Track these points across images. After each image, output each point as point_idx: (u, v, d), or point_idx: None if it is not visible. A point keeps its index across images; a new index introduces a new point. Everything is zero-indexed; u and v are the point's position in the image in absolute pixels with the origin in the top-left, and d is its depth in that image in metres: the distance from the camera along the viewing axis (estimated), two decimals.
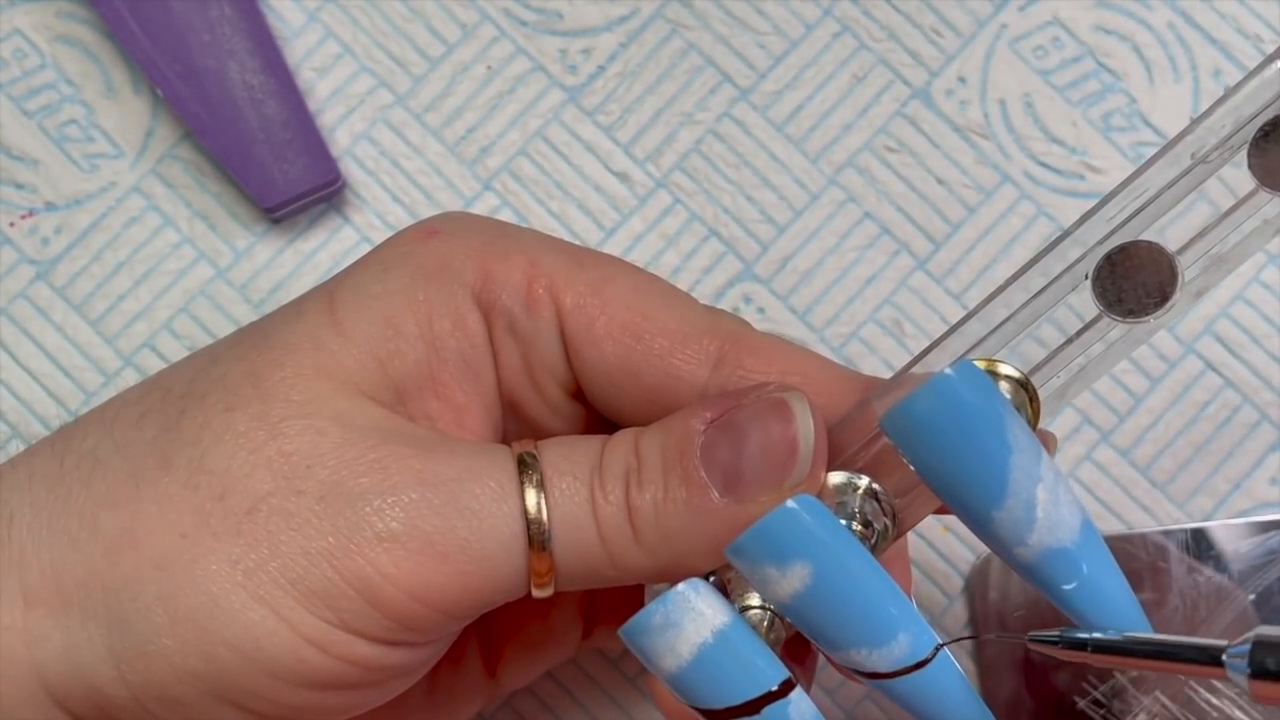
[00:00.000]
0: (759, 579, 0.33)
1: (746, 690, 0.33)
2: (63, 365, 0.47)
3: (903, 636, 0.33)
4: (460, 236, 0.37)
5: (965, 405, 0.32)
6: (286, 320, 0.37)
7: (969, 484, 0.32)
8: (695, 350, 0.36)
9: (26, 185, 0.48)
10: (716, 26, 0.48)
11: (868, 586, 0.33)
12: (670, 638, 0.33)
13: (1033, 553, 0.33)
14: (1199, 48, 0.48)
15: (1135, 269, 0.35)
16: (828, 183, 0.48)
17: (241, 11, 0.47)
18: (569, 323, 0.37)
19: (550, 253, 0.37)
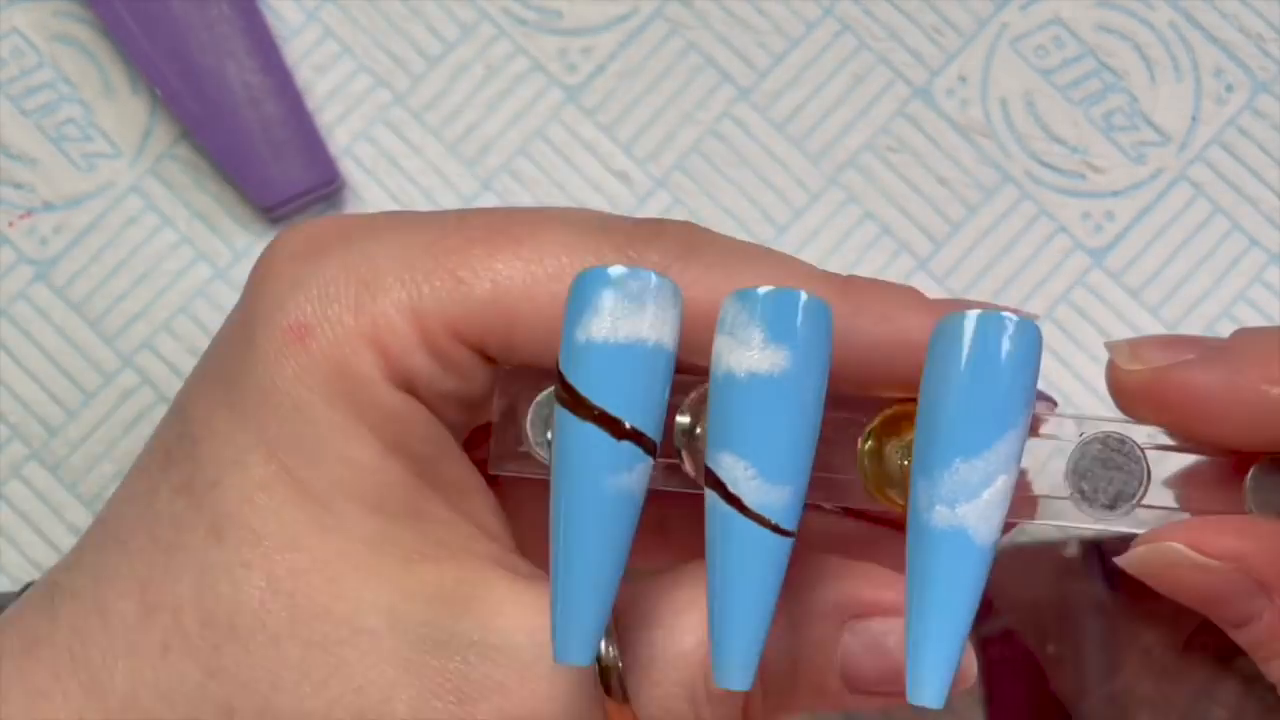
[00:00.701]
0: (739, 337, 0.31)
1: (632, 412, 0.31)
2: (62, 365, 0.47)
3: (790, 491, 0.31)
4: (329, 322, 0.34)
5: (1028, 362, 0.31)
6: (234, 491, 0.34)
7: (960, 421, 0.31)
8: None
9: (25, 185, 0.48)
10: (716, 26, 0.48)
11: (808, 421, 0.31)
12: (621, 309, 0.31)
13: (948, 521, 0.31)
14: (1200, 47, 0.48)
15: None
16: (828, 182, 0.48)
17: (240, 10, 0.47)
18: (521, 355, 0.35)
19: (418, 276, 0.34)
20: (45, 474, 0.47)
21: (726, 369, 0.31)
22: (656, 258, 0.34)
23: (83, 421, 0.47)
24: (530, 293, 0.34)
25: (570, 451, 0.31)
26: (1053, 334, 0.47)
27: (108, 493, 0.46)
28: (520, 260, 0.34)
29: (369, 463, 0.34)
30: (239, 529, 0.33)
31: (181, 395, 0.36)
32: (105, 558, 0.34)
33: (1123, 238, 0.47)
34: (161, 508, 0.34)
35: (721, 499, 0.31)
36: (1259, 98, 0.48)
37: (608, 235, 0.34)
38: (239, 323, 0.35)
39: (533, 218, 0.35)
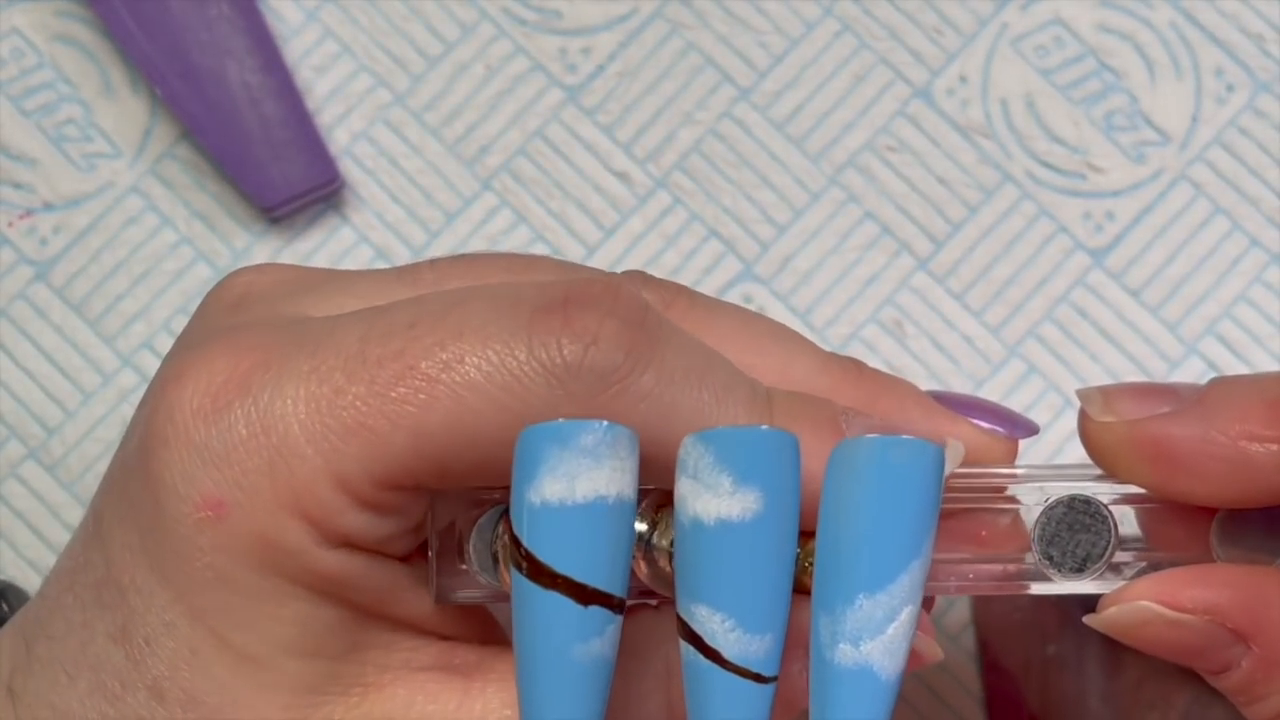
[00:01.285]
0: (706, 481, 0.29)
1: (598, 575, 0.30)
2: (61, 366, 0.47)
3: (771, 638, 0.30)
4: (246, 495, 0.31)
5: (928, 487, 0.30)
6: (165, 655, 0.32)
7: (864, 555, 0.30)
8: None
9: (24, 185, 0.48)
10: (716, 25, 0.48)
11: (784, 565, 0.30)
12: (577, 464, 0.29)
13: (853, 660, 0.30)
14: (1201, 47, 0.48)
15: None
16: (828, 182, 0.48)
17: (240, 10, 0.47)
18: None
19: (332, 438, 0.32)
20: (42, 473, 0.46)
21: (693, 516, 0.30)
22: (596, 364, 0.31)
23: (81, 421, 0.47)
24: (453, 425, 0.31)
25: (534, 623, 0.30)
26: (1053, 334, 0.47)
27: None
28: (436, 402, 0.31)
29: (304, 616, 0.32)
30: (177, 691, 0.32)
31: (99, 505, 0.34)
32: (56, 687, 0.33)
33: (1123, 238, 0.47)
34: (100, 653, 0.33)
35: (700, 654, 0.30)
36: (1259, 98, 0.48)
37: (530, 331, 0.31)
38: (148, 479, 0.32)
39: (440, 335, 0.31)
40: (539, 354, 0.31)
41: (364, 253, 0.47)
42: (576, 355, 0.31)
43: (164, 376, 0.33)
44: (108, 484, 0.34)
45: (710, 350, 0.33)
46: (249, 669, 0.32)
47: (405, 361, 0.31)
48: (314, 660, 0.32)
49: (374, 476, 0.31)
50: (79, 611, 0.33)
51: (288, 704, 0.32)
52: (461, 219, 0.48)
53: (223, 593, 0.32)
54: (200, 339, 0.33)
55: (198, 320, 0.35)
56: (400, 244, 0.47)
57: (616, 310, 0.31)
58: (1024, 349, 0.47)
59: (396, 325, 0.32)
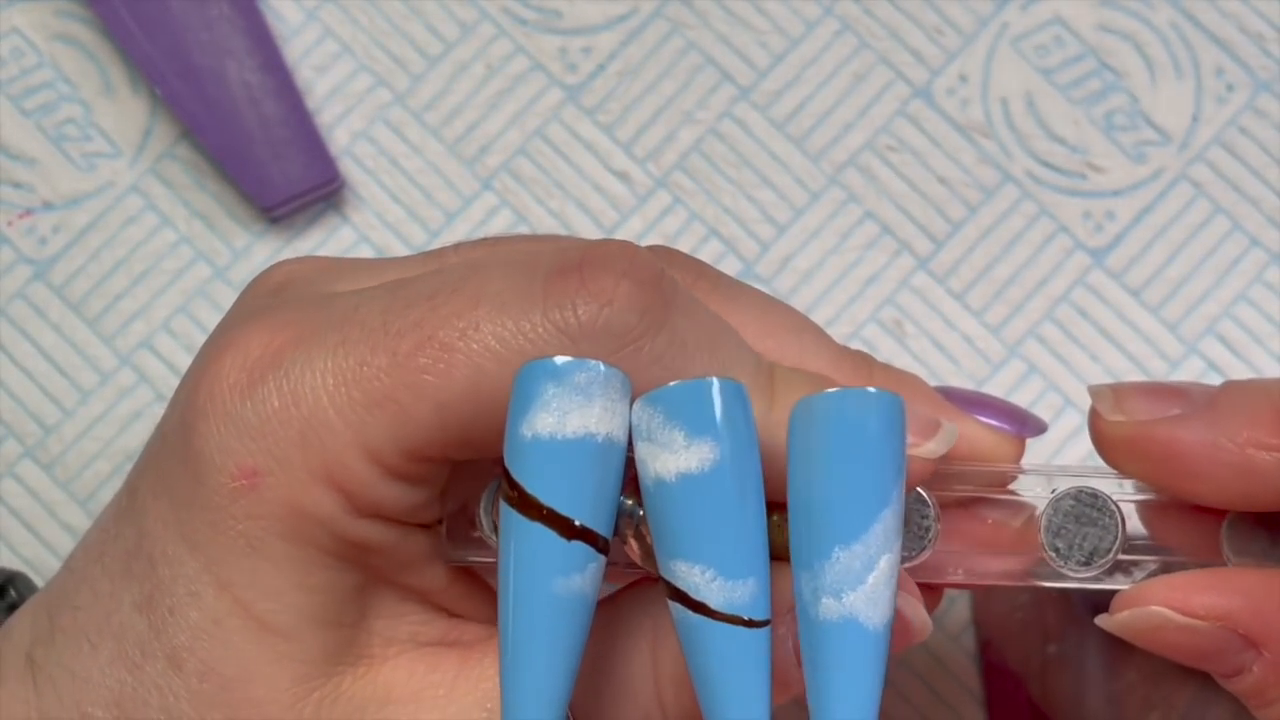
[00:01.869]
0: (661, 440, 0.30)
1: (582, 510, 0.30)
2: (60, 365, 0.47)
3: (754, 581, 0.30)
4: (279, 464, 0.32)
5: (888, 435, 0.30)
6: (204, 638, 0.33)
7: (834, 508, 0.30)
8: None
9: (24, 184, 0.48)
10: (717, 25, 0.48)
11: (752, 507, 0.30)
12: (569, 401, 0.30)
13: (837, 613, 0.30)
14: (1201, 46, 0.48)
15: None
16: (828, 182, 0.48)
17: (240, 10, 0.47)
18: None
19: (359, 410, 0.32)
20: (39, 472, 0.46)
21: (655, 476, 0.30)
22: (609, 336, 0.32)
23: (78, 420, 0.47)
24: (472, 393, 0.32)
25: (518, 553, 0.30)
26: (1053, 334, 0.47)
27: (102, 492, 0.46)
28: (455, 370, 0.32)
29: (328, 584, 0.33)
30: (195, 661, 0.33)
31: (135, 481, 0.35)
32: (79, 656, 0.34)
33: (1123, 237, 0.47)
34: (125, 621, 0.33)
35: (688, 609, 0.30)
36: (1260, 97, 0.48)
37: (545, 294, 0.32)
38: (187, 452, 0.33)
39: (458, 304, 0.32)
40: (553, 316, 0.31)
41: (364, 253, 0.47)
42: (591, 316, 0.31)
43: (205, 354, 0.34)
44: (144, 461, 0.35)
45: (723, 323, 0.33)
46: (269, 639, 0.33)
47: (424, 332, 0.32)
48: (332, 630, 0.33)
49: (401, 448, 0.32)
50: (106, 582, 0.34)
51: (302, 675, 0.33)
52: (461, 219, 0.48)
53: (252, 561, 0.32)
54: (240, 319, 0.34)
55: (239, 304, 0.36)
56: (400, 244, 0.47)
57: (632, 272, 0.32)
58: (1024, 349, 0.47)
59: (417, 297, 0.32)
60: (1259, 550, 0.34)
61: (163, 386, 0.47)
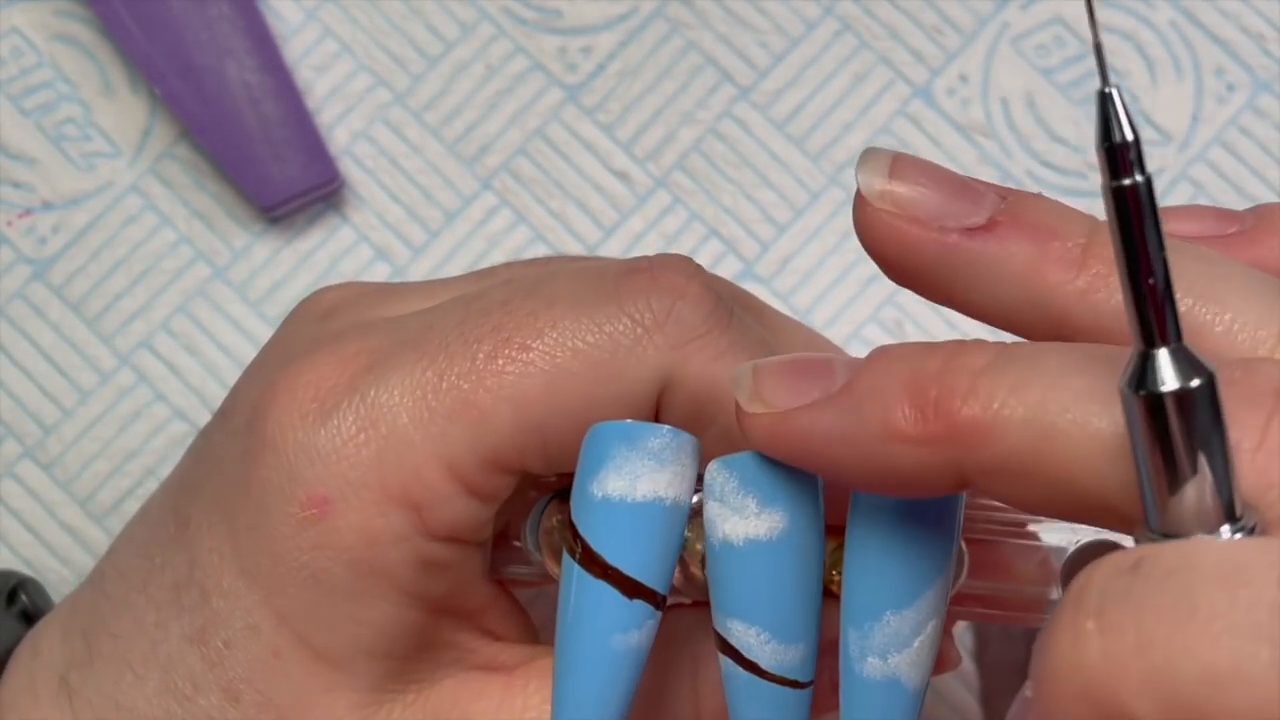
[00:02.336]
0: (733, 504, 0.30)
1: (645, 571, 0.31)
2: (59, 365, 0.47)
3: (804, 646, 0.31)
4: (353, 490, 0.32)
5: (950, 512, 0.30)
6: (254, 661, 0.33)
7: (890, 575, 0.30)
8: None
9: (24, 184, 0.48)
10: (717, 25, 0.48)
11: (812, 577, 0.31)
12: (640, 465, 0.30)
13: (881, 673, 0.30)
14: (1201, 46, 0.48)
15: None
16: (828, 182, 0.48)
17: (240, 10, 0.47)
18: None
19: (439, 420, 0.33)
20: (39, 472, 0.46)
21: (723, 538, 0.31)
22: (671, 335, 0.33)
23: (78, 420, 0.47)
24: (551, 403, 0.32)
25: (578, 607, 0.31)
26: None
27: (101, 492, 0.46)
28: (533, 367, 0.32)
29: (387, 618, 0.33)
30: (253, 693, 0.33)
31: (185, 510, 0.34)
32: (120, 683, 0.34)
33: None
34: (173, 653, 0.34)
35: (739, 665, 0.31)
36: (1260, 97, 0.48)
37: (618, 291, 0.33)
38: (251, 483, 0.33)
39: (533, 306, 0.33)
40: (628, 308, 0.32)
41: (364, 252, 0.47)
42: (664, 307, 0.32)
43: (268, 385, 0.34)
44: (193, 489, 0.35)
45: (769, 340, 0.34)
46: (324, 670, 0.33)
47: (502, 335, 0.32)
48: (385, 660, 0.33)
49: (481, 456, 0.32)
50: (152, 612, 0.34)
51: (356, 703, 0.33)
52: (461, 218, 0.48)
53: (313, 593, 0.33)
54: (303, 349, 0.34)
55: (288, 332, 0.36)
56: (400, 244, 0.47)
57: (698, 275, 0.33)
58: None
59: (491, 306, 0.33)
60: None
61: (162, 386, 0.47)
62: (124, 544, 0.36)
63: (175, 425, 0.46)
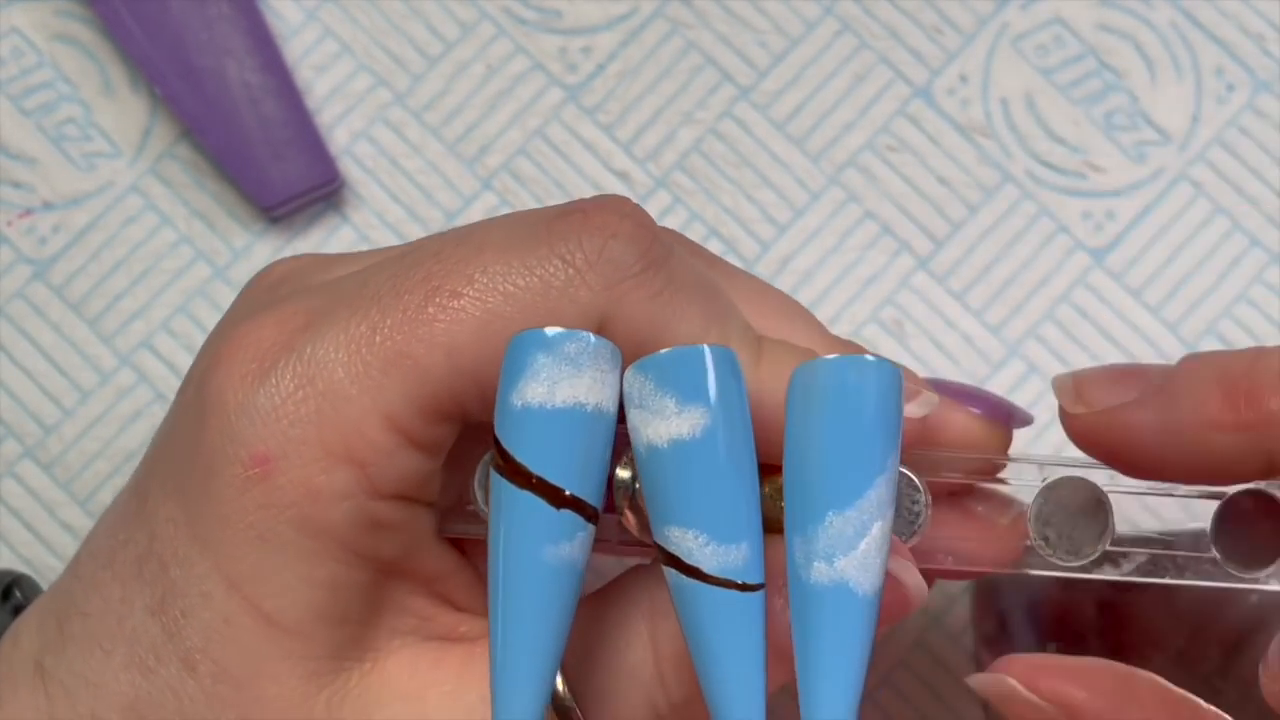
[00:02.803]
0: (653, 406, 0.30)
1: (571, 479, 0.30)
2: (59, 364, 0.47)
3: (746, 545, 0.30)
4: (294, 447, 0.32)
5: (885, 403, 0.30)
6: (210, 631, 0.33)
7: (829, 473, 0.30)
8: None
9: (24, 184, 0.48)
10: (717, 25, 0.48)
11: (744, 472, 0.31)
12: (558, 371, 0.30)
13: (828, 577, 0.30)
14: (1201, 46, 0.48)
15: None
16: (829, 182, 0.48)
17: (240, 10, 0.47)
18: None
19: (374, 373, 0.33)
20: (39, 472, 0.46)
21: (648, 442, 0.31)
22: (597, 282, 0.32)
23: (78, 420, 0.47)
24: (484, 347, 0.32)
25: (508, 521, 0.30)
26: (1053, 333, 0.47)
27: (102, 492, 0.46)
28: (464, 314, 0.32)
29: (337, 579, 0.33)
30: (208, 663, 0.33)
31: (143, 484, 0.34)
32: (90, 660, 0.34)
33: (1123, 237, 0.47)
34: (137, 626, 0.33)
35: (682, 573, 0.30)
36: (1260, 97, 0.48)
37: (549, 233, 0.33)
38: (198, 448, 0.33)
39: (464, 253, 0.33)
40: (559, 249, 0.32)
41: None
42: (595, 247, 0.32)
43: (211, 351, 0.34)
44: (151, 463, 0.35)
45: (716, 282, 0.34)
46: (278, 636, 0.33)
47: (432, 283, 0.32)
48: (340, 626, 0.33)
49: (419, 406, 0.32)
50: (118, 587, 0.34)
51: (311, 671, 0.33)
52: (462, 218, 0.48)
53: (261, 555, 0.32)
54: (245, 314, 0.34)
55: (241, 301, 0.36)
56: (400, 243, 0.47)
57: (632, 214, 0.33)
58: (1024, 349, 0.47)
59: (424, 256, 0.33)
60: (1244, 551, 0.35)
61: (163, 386, 0.47)
62: (96, 528, 0.36)
63: None
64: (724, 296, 0.34)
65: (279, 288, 0.36)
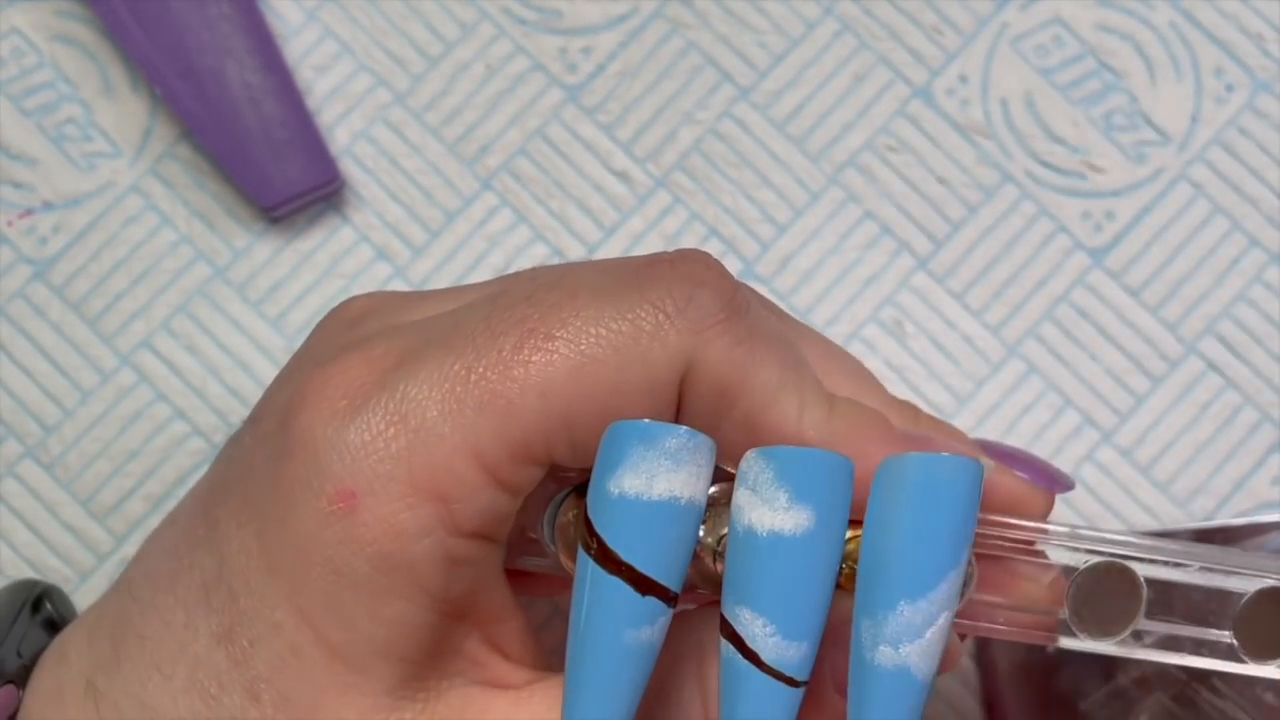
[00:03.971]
0: (765, 495, 0.31)
1: (658, 569, 0.31)
2: (60, 364, 0.47)
3: (807, 645, 0.32)
4: (380, 484, 0.32)
5: (969, 502, 0.31)
6: (276, 663, 0.33)
7: (907, 565, 0.31)
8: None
9: (24, 184, 0.48)
10: (717, 25, 0.48)
11: (828, 579, 0.32)
12: (657, 464, 0.31)
13: (892, 662, 0.31)
14: (1201, 46, 0.48)
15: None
16: (828, 182, 0.48)
17: (240, 10, 0.47)
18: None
19: (468, 412, 0.33)
20: (40, 472, 0.46)
21: (748, 526, 0.31)
22: (692, 324, 0.33)
23: (79, 420, 0.47)
24: (577, 390, 0.33)
25: (592, 602, 0.31)
26: (1053, 333, 0.47)
27: (103, 492, 0.46)
28: (557, 355, 0.33)
29: (405, 618, 0.33)
30: (272, 692, 0.33)
31: (214, 511, 0.35)
32: (147, 684, 0.34)
33: (1123, 237, 0.47)
34: (201, 653, 0.34)
35: (739, 653, 0.31)
36: (1259, 97, 0.48)
37: (639, 280, 0.33)
38: (280, 480, 0.33)
39: (557, 297, 0.33)
40: (650, 295, 0.33)
41: (364, 252, 0.47)
42: (684, 294, 0.33)
43: (298, 388, 0.34)
44: (222, 492, 0.35)
45: (789, 335, 0.35)
46: (341, 670, 0.33)
47: (527, 326, 0.33)
48: (399, 664, 0.34)
49: (510, 446, 0.33)
50: (181, 613, 0.34)
51: (369, 707, 0.33)
52: (462, 218, 0.48)
53: (334, 588, 0.33)
54: (332, 353, 0.35)
55: (318, 339, 0.37)
56: (400, 244, 0.47)
57: (715, 266, 0.34)
58: (1024, 349, 0.47)
59: (516, 300, 0.33)
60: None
61: (163, 386, 0.47)
62: (152, 549, 0.36)
63: (176, 425, 0.47)
64: (797, 350, 0.35)
65: (360, 325, 0.36)
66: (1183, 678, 0.44)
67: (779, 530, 0.31)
